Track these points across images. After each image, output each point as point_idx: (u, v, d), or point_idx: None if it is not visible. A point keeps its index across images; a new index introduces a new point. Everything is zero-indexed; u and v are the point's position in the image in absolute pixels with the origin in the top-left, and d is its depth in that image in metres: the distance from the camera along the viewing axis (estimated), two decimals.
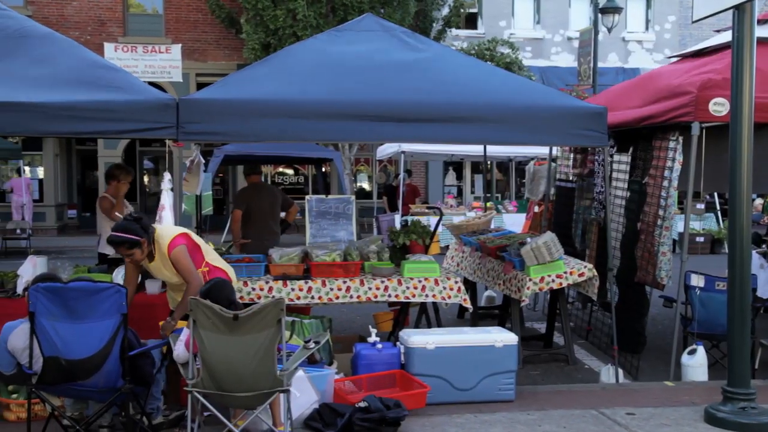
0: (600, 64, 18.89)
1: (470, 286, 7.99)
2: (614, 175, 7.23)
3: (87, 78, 5.33)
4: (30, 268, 5.79)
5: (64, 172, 21.75)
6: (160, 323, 5.17)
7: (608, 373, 6.27)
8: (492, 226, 9.14)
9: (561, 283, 6.66)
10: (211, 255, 5.40)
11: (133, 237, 4.85)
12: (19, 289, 5.76)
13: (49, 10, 20.28)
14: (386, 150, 16.47)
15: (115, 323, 4.34)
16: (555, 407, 5.41)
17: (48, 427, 4.60)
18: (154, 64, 18.11)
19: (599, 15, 18.07)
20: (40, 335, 4.29)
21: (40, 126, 5.10)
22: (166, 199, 5.52)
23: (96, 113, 5.12)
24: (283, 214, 8.80)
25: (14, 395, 5.16)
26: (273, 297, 5.91)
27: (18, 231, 16.13)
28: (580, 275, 6.69)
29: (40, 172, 21.44)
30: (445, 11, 19.82)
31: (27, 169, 20.65)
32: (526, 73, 19.00)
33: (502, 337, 5.59)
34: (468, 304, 6.47)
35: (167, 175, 5.95)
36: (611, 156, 7.26)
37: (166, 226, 5.24)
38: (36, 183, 21.17)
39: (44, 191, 21.05)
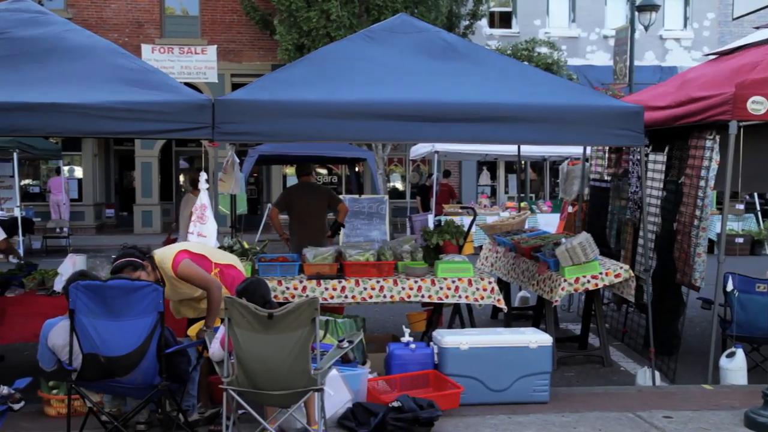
0: (636, 63, 18.62)
1: (504, 287, 7.95)
2: (650, 174, 7.14)
3: (125, 79, 5.42)
4: (70, 266, 5.91)
5: (102, 172, 22.11)
6: (189, 331, 5.24)
7: (645, 376, 6.19)
8: (526, 227, 9.08)
9: (596, 284, 6.60)
10: (216, 255, 5.44)
11: (135, 260, 4.87)
12: (58, 287, 5.88)
13: (89, 12, 20.62)
14: (419, 150, 16.46)
15: (153, 321, 4.40)
16: (590, 409, 5.36)
17: (87, 423, 4.69)
18: (190, 65, 18.36)
19: (636, 13, 17.82)
20: (80, 332, 4.37)
21: (79, 126, 5.19)
22: (205, 198, 5.57)
23: (133, 114, 5.19)
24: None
25: (54, 391, 5.26)
26: (307, 296, 5.94)
27: (58, 230, 16.44)
28: (616, 276, 6.62)
29: (78, 171, 21.81)
30: (470, 5, 19.66)
31: (65, 168, 21.05)
32: (566, 74, 18.83)
33: (537, 338, 5.55)
34: (502, 305, 6.44)
35: (204, 175, 6.01)
36: (646, 155, 7.17)
37: (165, 249, 5.21)
38: (75, 183, 21.56)
39: (83, 191, 21.42)
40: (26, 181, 21.54)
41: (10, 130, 5.31)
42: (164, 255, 5.08)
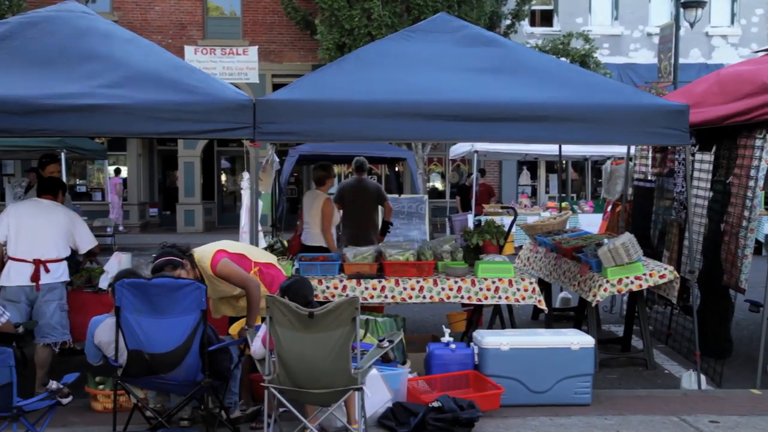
0: (681, 60, 18.29)
1: (545, 287, 7.87)
2: (696, 174, 7.01)
3: (169, 80, 5.50)
4: (115, 264, 6.03)
5: (146, 172, 22.47)
6: (230, 329, 5.29)
7: (690, 379, 6.08)
8: (567, 227, 8.99)
9: (640, 285, 6.50)
10: (255, 254, 5.48)
11: (175, 258, 4.93)
12: (103, 284, 6.00)
13: (134, 15, 20.98)
14: (459, 149, 16.39)
15: (195, 319, 4.46)
16: (634, 413, 5.28)
17: (132, 418, 4.77)
18: (231, 65, 18.57)
19: (681, 9, 17.52)
20: (125, 329, 4.45)
21: (123, 127, 5.30)
22: (246, 198, 5.63)
23: (177, 114, 5.28)
24: None
25: (101, 386, 5.37)
26: (347, 295, 5.96)
27: (109, 229, 16.78)
28: (661, 277, 6.51)
29: (123, 171, 22.22)
30: (512, 5, 19.54)
31: (111, 169, 21.46)
32: (602, 70, 18.58)
33: (579, 340, 5.49)
34: (543, 306, 6.39)
35: (246, 175, 6.07)
36: (692, 155, 7.03)
37: (204, 248, 5.26)
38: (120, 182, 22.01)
39: (128, 190, 21.81)
40: (73, 181, 21.99)
41: (57, 130, 5.45)
42: (203, 254, 5.14)
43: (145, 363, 4.47)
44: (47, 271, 5.57)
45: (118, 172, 20.30)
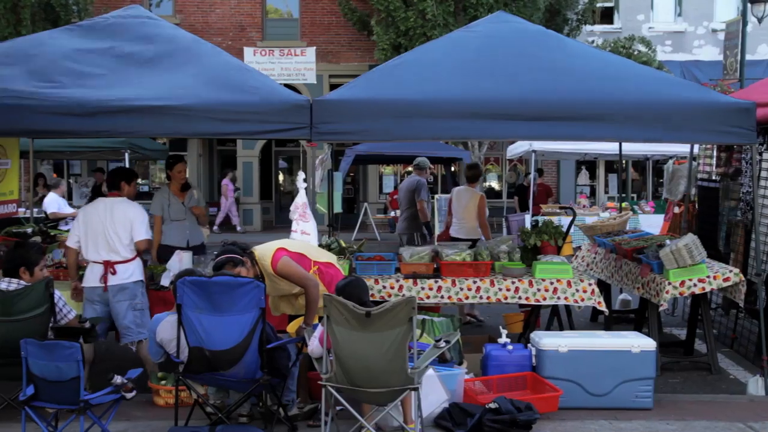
0: (748, 57, 17.72)
1: (604, 289, 7.74)
2: (764, 174, 6.79)
3: (227, 82, 5.60)
4: (177, 263, 6.14)
5: (206, 172, 22.89)
6: (288, 328, 5.35)
7: (756, 385, 5.90)
8: (627, 228, 8.82)
9: (704, 288, 6.33)
10: (315, 253, 5.53)
11: (235, 256, 5.00)
12: (165, 282, 6.12)
13: (195, 18, 21.40)
14: (517, 149, 16.22)
15: (254, 317, 4.52)
16: (697, 418, 5.15)
17: (193, 413, 4.87)
18: (289, 66, 18.78)
19: (748, 4, 16.98)
20: (186, 326, 4.54)
21: (185, 128, 5.42)
22: (304, 197, 5.69)
23: (235, 115, 5.37)
24: None
25: (163, 382, 5.49)
26: (403, 295, 5.97)
27: None
28: (725, 280, 6.32)
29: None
30: (579, 6, 19.28)
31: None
32: (664, 71, 18.14)
33: (640, 342, 5.39)
34: (603, 307, 6.28)
35: (302, 174, 6.14)
36: (760, 154, 6.82)
37: (264, 246, 5.31)
38: None
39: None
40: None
41: (120, 131, 5.59)
42: (264, 252, 5.21)
43: (206, 360, 4.55)
44: (114, 272, 5.65)
45: (234, 179, 20.62)
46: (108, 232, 5.66)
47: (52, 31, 6.40)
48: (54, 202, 11.12)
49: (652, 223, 14.27)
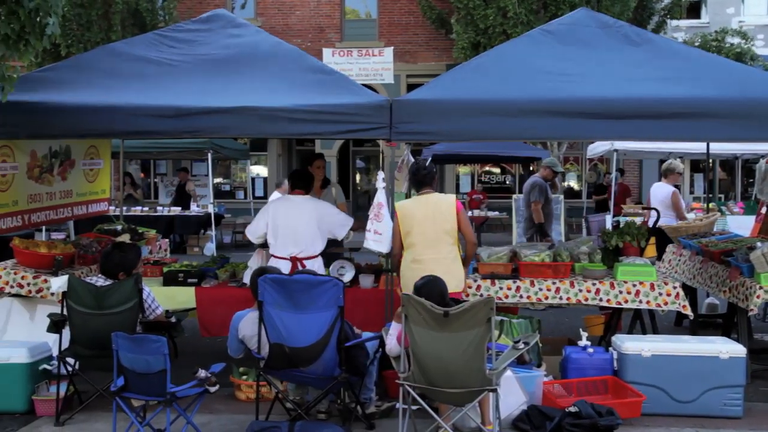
0: None
1: (689, 292, 7.49)
2: None
3: (308, 83, 5.71)
4: (258, 260, 6.27)
5: (285, 171, 23.28)
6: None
7: None
8: (714, 229, 8.52)
9: None
10: None
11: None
12: (246, 279, 6.26)
13: (275, 20, 21.81)
14: (597, 148, 15.87)
15: (333, 315, 4.58)
16: None
17: (273, 408, 4.97)
18: (367, 66, 18.92)
19: None
20: (267, 323, 4.63)
21: (264, 128, 5.53)
22: (382, 197, 5.71)
23: (315, 116, 5.44)
24: None
25: (244, 377, 5.62)
26: (481, 295, 5.93)
27: None
28: None
29: (263, 170, 23.13)
30: (666, 1, 18.73)
31: (253, 169, 22.46)
32: (760, 64, 17.41)
33: (728, 348, 5.21)
34: (688, 311, 6.08)
35: (381, 174, 6.15)
36: None
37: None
38: (260, 181, 22.92)
39: (268, 189, 22.69)
40: (218, 180, 23.14)
41: (204, 131, 5.76)
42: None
43: (286, 356, 4.64)
44: (303, 267, 5.80)
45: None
46: (296, 228, 5.89)
47: (141, 36, 6.66)
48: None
49: (741, 224, 13.72)
